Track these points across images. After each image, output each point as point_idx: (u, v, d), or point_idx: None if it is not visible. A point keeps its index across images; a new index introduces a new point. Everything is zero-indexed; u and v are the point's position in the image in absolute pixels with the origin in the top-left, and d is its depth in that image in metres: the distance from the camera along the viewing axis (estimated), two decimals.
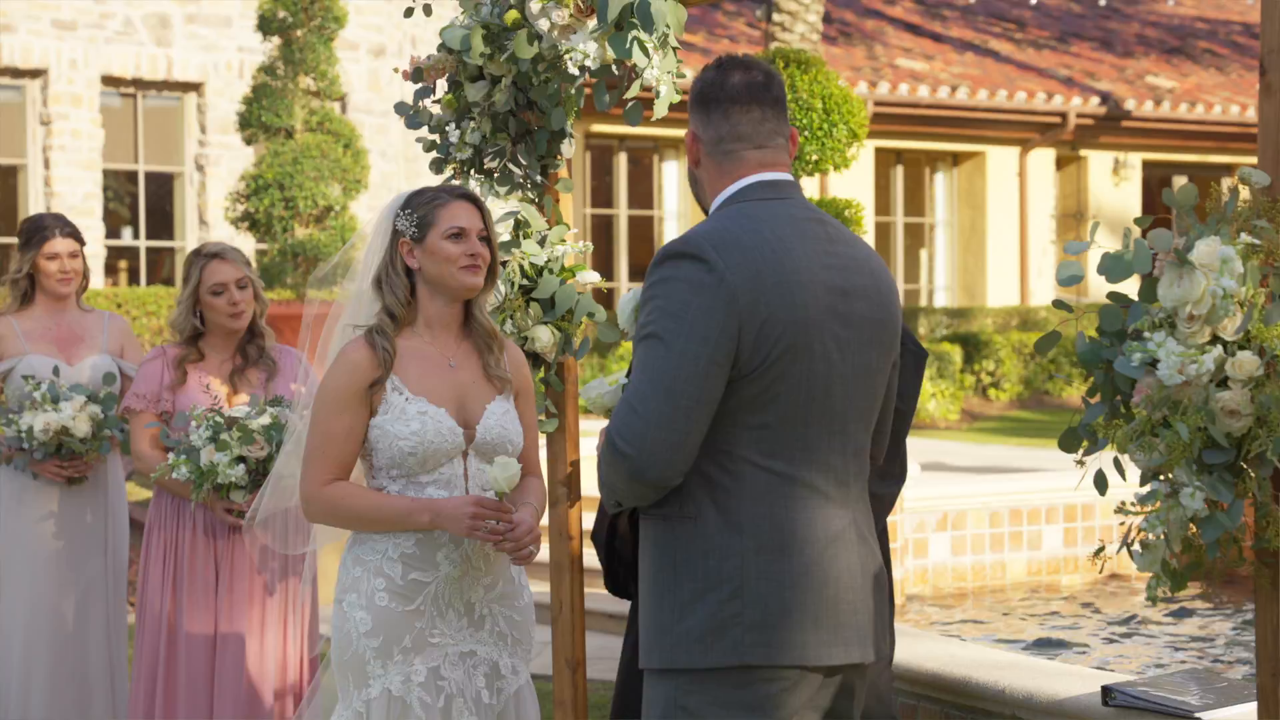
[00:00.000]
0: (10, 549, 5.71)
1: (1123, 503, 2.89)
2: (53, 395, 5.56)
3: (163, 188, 16.32)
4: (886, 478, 3.90)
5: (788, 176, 3.21)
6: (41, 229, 5.77)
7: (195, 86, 16.02)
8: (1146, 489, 2.88)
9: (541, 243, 4.67)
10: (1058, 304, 3.26)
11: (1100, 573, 3.51)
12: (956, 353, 16.32)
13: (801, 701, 3.13)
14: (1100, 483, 2.94)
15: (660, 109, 4.24)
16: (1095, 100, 18.77)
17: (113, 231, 16.14)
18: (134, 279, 16.15)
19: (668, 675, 3.11)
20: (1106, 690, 4.54)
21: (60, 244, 5.77)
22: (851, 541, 3.13)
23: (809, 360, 3.06)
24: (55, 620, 5.69)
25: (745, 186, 3.18)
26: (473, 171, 4.70)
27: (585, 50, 4.28)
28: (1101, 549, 3.07)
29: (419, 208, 3.81)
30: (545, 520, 6.05)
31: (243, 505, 5.02)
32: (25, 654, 5.66)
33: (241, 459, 4.99)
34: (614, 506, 3.19)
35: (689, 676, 3.08)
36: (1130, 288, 3.09)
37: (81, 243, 5.87)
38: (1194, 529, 2.82)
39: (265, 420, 5.03)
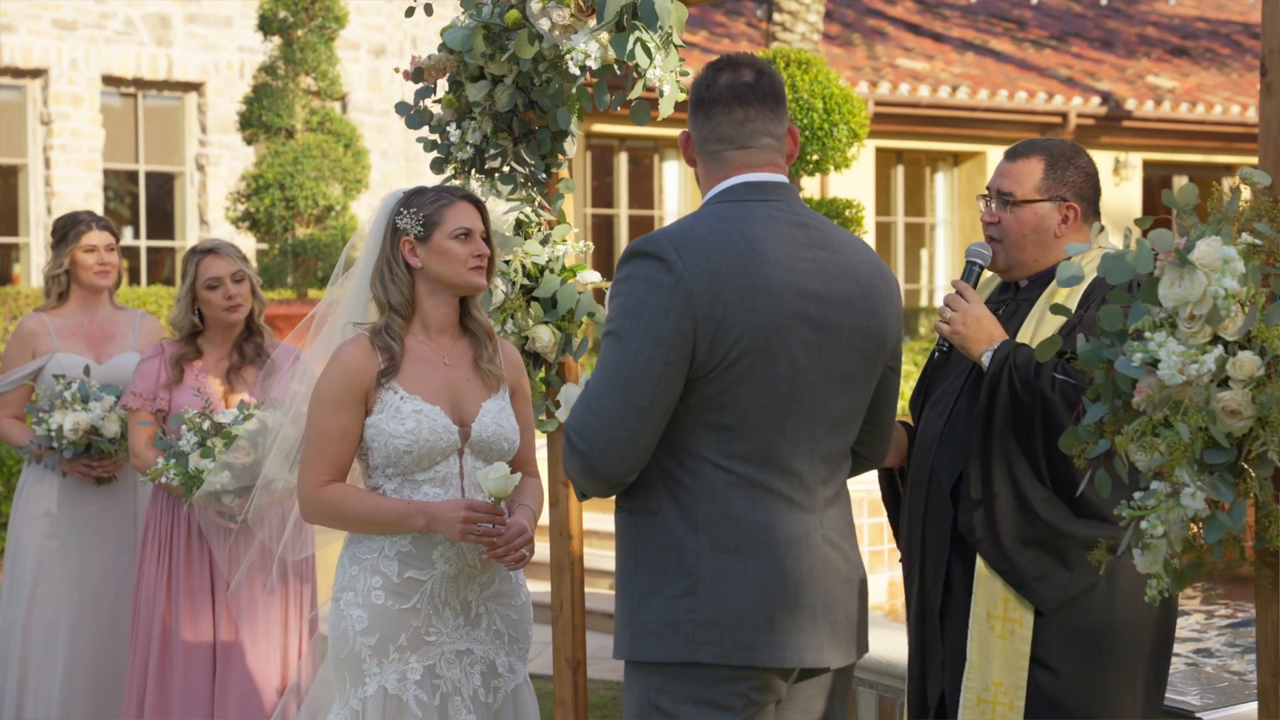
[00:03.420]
0: (42, 547, 5.70)
1: (1123, 502, 2.89)
2: (83, 395, 5.58)
3: (163, 188, 16.32)
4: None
5: (774, 177, 3.19)
6: (77, 223, 5.82)
7: (196, 86, 16.02)
8: (1148, 489, 2.88)
9: (544, 242, 4.68)
10: (1055, 309, 3.25)
11: (1101, 573, 3.50)
12: None
13: (775, 702, 3.13)
14: (1101, 483, 2.94)
15: (665, 108, 4.24)
16: (1096, 100, 18.76)
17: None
18: (135, 279, 16.14)
19: (640, 670, 3.13)
20: None
21: (97, 236, 5.81)
22: (816, 545, 3.11)
23: (770, 364, 3.05)
24: (94, 619, 5.69)
25: (728, 188, 3.18)
26: (473, 171, 4.70)
27: (587, 50, 4.28)
28: (1102, 549, 3.07)
29: (424, 207, 3.82)
30: (545, 520, 6.07)
31: (233, 508, 5.02)
32: (68, 653, 5.67)
33: (227, 464, 5.00)
34: (581, 496, 3.21)
35: (659, 673, 3.09)
36: None
37: (116, 237, 5.90)
38: (1194, 529, 2.82)
39: (252, 426, 5.03)
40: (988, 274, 3.96)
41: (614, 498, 3.20)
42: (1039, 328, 3.71)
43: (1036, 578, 3.59)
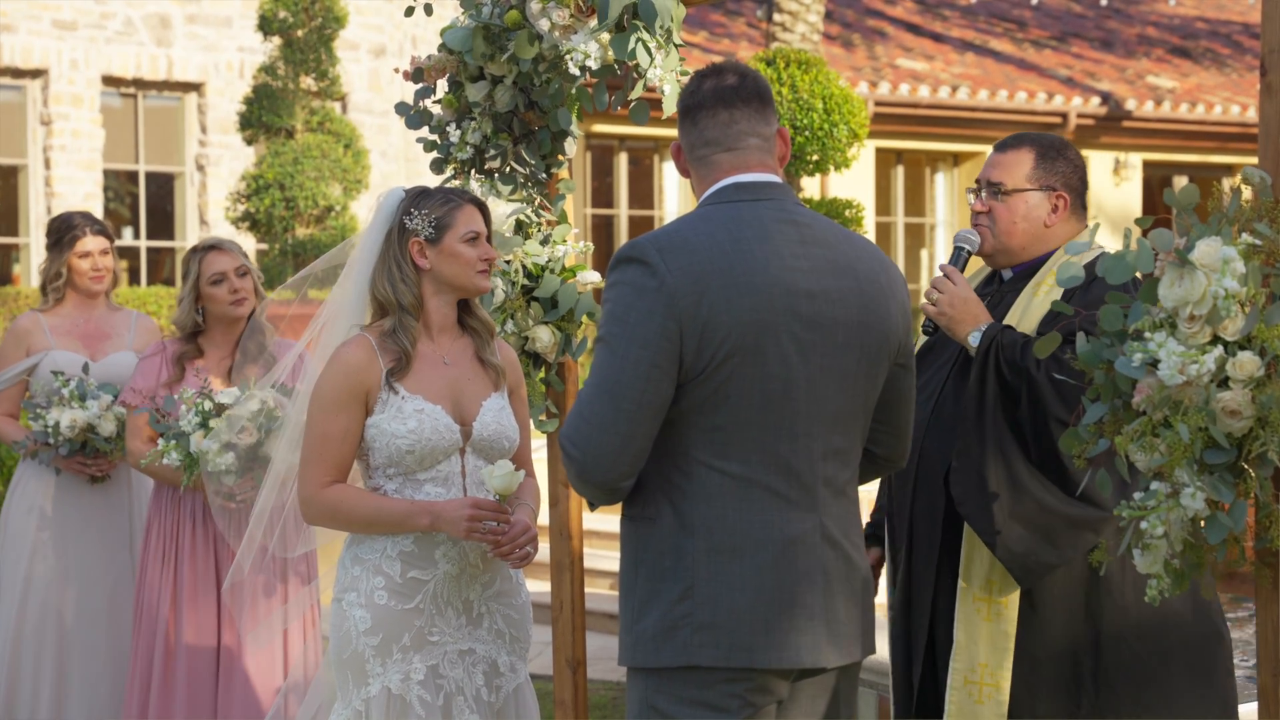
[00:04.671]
0: (36, 546, 5.70)
1: (1123, 502, 2.89)
2: (80, 392, 5.57)
3: (163, 188, 16.33)
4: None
5: (764, 177, 3.18)
6: (72, 228, 5.80)
7: (196, 86, 16.03)
8: (1148, 489, 2.88)
9: (544, 242, 4.68)
10: (1056, 304, 3.26)
11: (1101, 573, 3.49)
12: None
13: (776, 703, 3.13)
14: (1102, 483, 2.94)
15: (669, 106, 4.23)
16: (1096, 100, 18.77)
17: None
18: (134, 279, 16.15)
19: (640, 674, 3.14)
20: None
21: (92, 242, 5.80)
22: (815, 544, 3.11)
23: (761, 362, 3.05)
24: (89, 619, 5.69)
25: (718, 189, 3.19)
26: (473, 172, 4.70)
27: (586, 50, 4.28)
28: (1102, 548, 3.07)
29: (434, 209, 3.81)
30: (545, 519, 6.07)
31: (234, 488, 4.99)
32: (57, 653, 5.66)
33: (231, 445, 4.99)
34: (591, 506, 3.23)
35: (656, 676, 3.10)
36: None
37: (111, 240, 5.89)
38: (1196, 527, 2.82)
39: (254, 406, 5.02)
40: (974, 266, 3.98)
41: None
42: (1023, 320, 3.76)
43: (1023, 553, 3.60)
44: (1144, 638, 3.66)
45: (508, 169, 4.70)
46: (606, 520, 8.73)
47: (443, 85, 4.75)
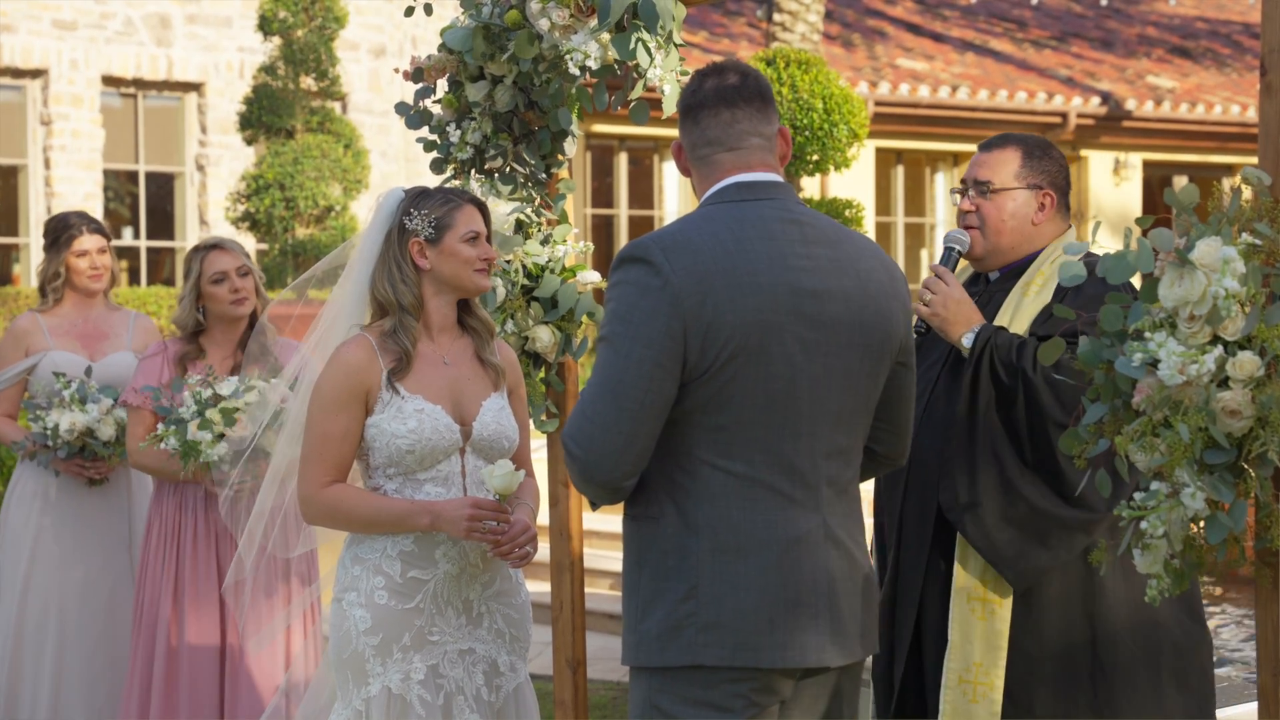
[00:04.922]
0: (36, 545, 5.70)
1: (1123, 502, 2.89)
2: (81, 395, 5.57)
3: (163, 188, 16.33)
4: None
5: (767, 176, 3.18)
6: (68, 227, 5.79)
7: (196, 86, 16.03)
8: (1148, 489, 2.88)
9: (544, 242, 4.68)
10: (1059, 309, 3.26)
11: (1101, 573, 3.49)
12: None
13: (777, 703, 3.13)
14: (1102, 484, 2.94)
15: (669, 106, 4.23)
16: (1096, 100, 18.76)
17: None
18: (134, 279, 16.16)
19: (643, 674, 3.13)
20: None
21: (89, 240, 5.79)
22: (818, 544, 3.11)
23: (765, 362, 3.05)
24: (89, 619, 5.68)
25: (720, 189, 3.18)
26: (473, 171, 4.70)
27: (587, 50, 4.28)
28: (1101, 549, 3.07)
29: (434, 209, 3.81)
30: (545, 519, 6.08)
31: (227, 475, 4.98)
32: (57, 653, 5.65)
33: (226, 439, 4.99)
34: (593, 505, 3.23)
35: (660, 675, 3.10)
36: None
37: (108, 239, 5.88)
38: (1194, 528, 2.82)
39: (252, 398, 5.02)
40: (960, 266, 3.99)
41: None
42: (1014, 320, 3.78)
43: (1014, 556, 3.64)
44: (1137, 638, 3.69)
45: (508, 169, 4.70)
46: (607, 520, 8.73)
47: (443, 85, 4.75)
